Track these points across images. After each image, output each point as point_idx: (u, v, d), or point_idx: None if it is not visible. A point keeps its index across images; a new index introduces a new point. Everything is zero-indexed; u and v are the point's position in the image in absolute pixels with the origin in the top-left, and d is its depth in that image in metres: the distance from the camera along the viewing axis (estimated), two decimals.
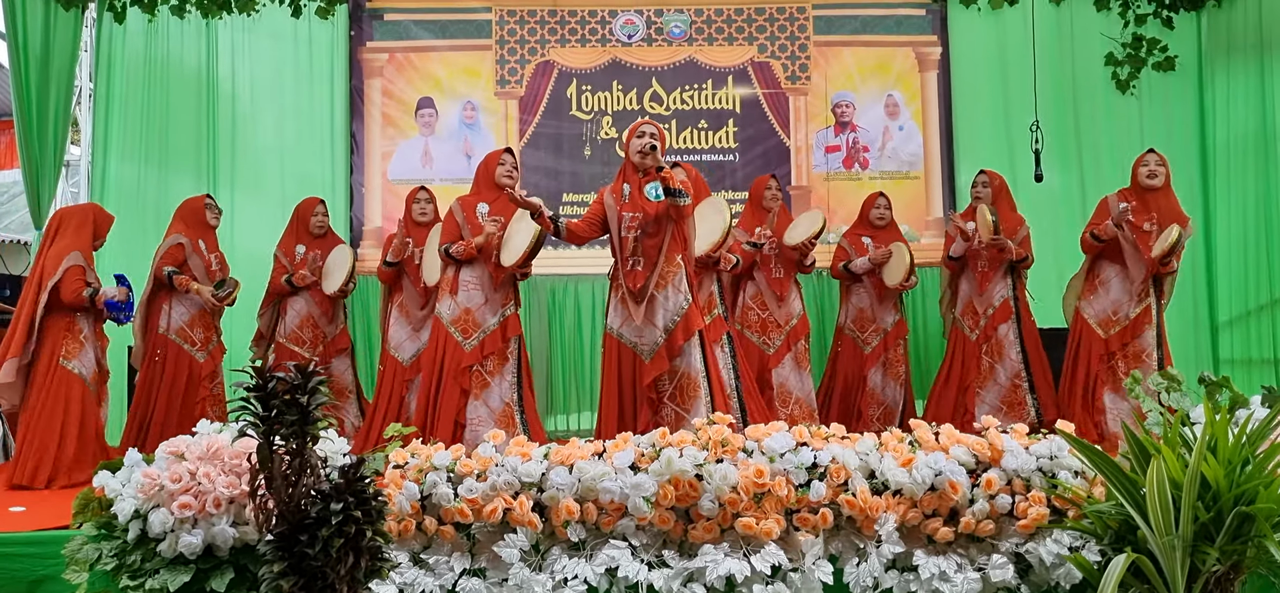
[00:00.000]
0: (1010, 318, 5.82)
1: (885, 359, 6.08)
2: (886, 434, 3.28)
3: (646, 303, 4.41)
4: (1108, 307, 5.45)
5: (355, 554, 2.42)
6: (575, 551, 3.04)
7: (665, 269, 4.46)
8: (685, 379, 4.44)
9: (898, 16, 7.54)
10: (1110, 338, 5.40)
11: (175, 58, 7.13)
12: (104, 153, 6.93)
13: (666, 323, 4.43)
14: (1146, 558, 2.62)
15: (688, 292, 4.49)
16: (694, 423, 3.37)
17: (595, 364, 7.14)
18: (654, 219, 4.44)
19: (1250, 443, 2.65)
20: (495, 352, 4.85)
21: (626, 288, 4.48)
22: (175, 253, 5.48)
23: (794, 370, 5.79)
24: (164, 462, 2.91)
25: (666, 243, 4.46)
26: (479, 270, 4.91)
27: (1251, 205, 6.82)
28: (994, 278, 5.85)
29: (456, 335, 4.85)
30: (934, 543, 3.10)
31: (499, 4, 7.50)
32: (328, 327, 5.98)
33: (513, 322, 4.93)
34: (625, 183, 4.57)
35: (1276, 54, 6.60)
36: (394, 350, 5.60)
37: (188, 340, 5.50)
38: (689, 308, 4.46)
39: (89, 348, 5.16)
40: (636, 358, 4.47)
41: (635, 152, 4.47)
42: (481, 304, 4.87)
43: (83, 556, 2.89)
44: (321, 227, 6.06)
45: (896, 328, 6.11)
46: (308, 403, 2.39)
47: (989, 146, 7.28)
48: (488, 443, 3.20)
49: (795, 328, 5.81)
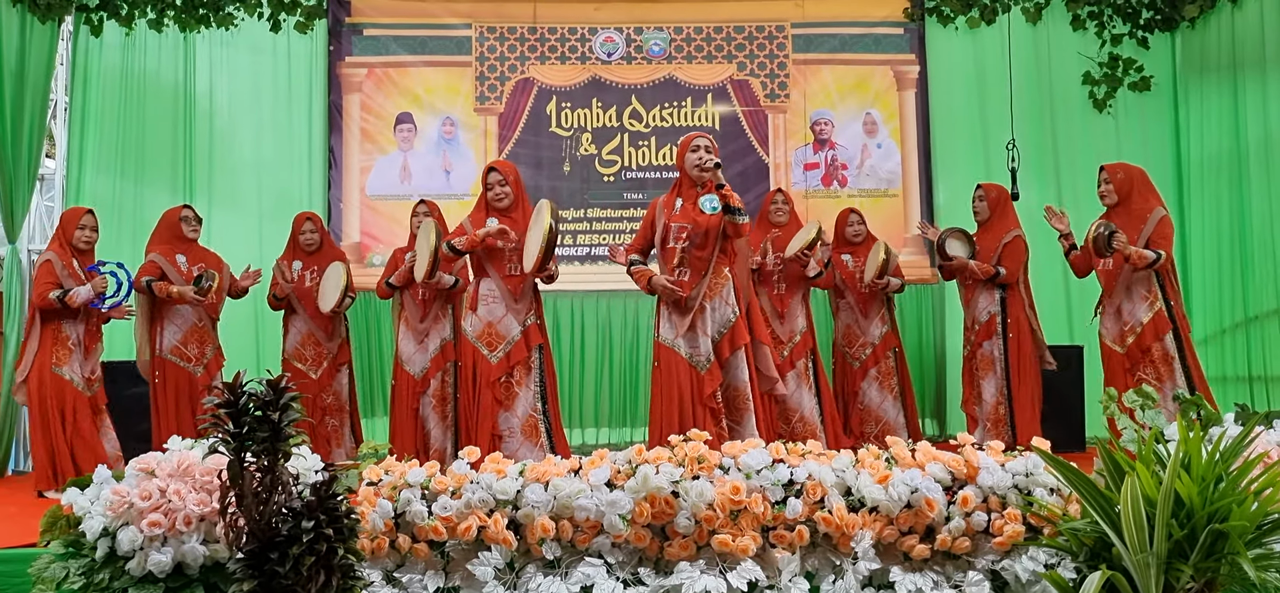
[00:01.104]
0: (994, 335, 5.82)
1: (876, 373, 6.08)
2: (862, 451, 3.27)
3: (695, 313, 4.45)
4: (1115, 323, 5.35)
5: (327, 573, 2.39)
6: (550, 568, 3.02)
7: (713, 281, 4.51)
8: (733, 392, 4.51)
9: (876, 35, 7.58)
10: (1129, 350, 5.26)
11: (152, 71, 7.10)
12: (79, 167, 6.88)
13: (714, 334, 4.49)
14: (1121, 575, 2.63)
15: (736, 304, 4.53)
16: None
17: (575, 382, 7.15)
18: (704, 231, 4.48)
19: (1223, 460, 2.66)
20: (520, 362, 4.86)
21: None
22: (149, 269, 5.48)
23: (798, 387, 5.75)
24: (133, 479, 2.87)
25: (715, 255, 4.51)
26: (497, 284, 4.91)
27: (1225, 223, 6.88)
28: (977, 292, 5.86)
29: (483, 350, 4.87)
30: (910, 560, 3.09)
31: (479, 21, 7.50)
32: (328, 343, 5.95)
33: (534, 331, 4.94)
34: (679, 197, 4.62)
35: (1249, 74, 6.67)
36: (405, 364, 5.60)
37: (183, 357, 5.50)
38: (737, 320, 4.51)
39: (77, 355, 5.17)
40: (693, 370, 4.48)
41: (693, 165, 4.54)
42: (503, 316, 4.89)
43: (50, 574, 2.84)
44: (310, 243, 6.01)
45: (885, 340, 6.12)
46: (279, 419, 2.37)
47: (966, 164, 7.33)
48: (461, 460, 3.18)
49: (798, 345, 5.77)
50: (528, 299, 4.96)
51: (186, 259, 5.59)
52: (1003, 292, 5.82)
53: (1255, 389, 6.54)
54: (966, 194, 6.52)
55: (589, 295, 7.25)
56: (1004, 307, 5.81)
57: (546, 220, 4.65)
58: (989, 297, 5.82)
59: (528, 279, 4.91)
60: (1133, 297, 5.28)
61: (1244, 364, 6.69)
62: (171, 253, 5.55)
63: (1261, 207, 6.57)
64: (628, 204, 7.39)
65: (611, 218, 7.34)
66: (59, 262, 5.14)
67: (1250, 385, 6.58)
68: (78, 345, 5.18)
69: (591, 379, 7.18)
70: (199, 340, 5.56)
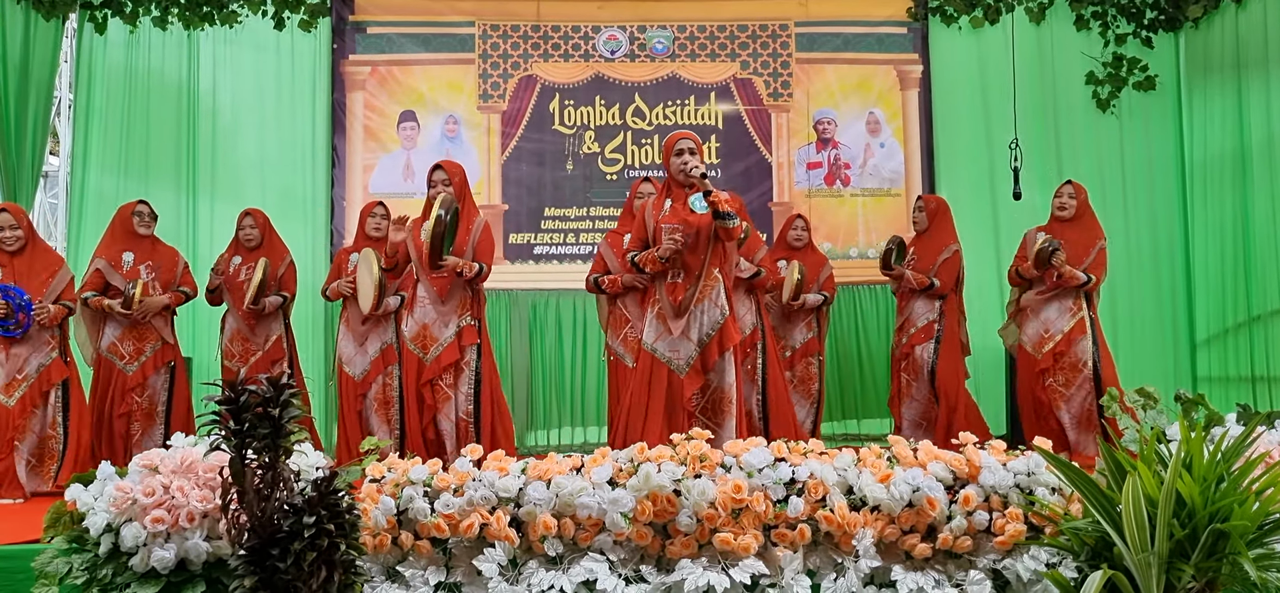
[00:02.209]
0: (929, 340, 5.90)
1: (793, 375, 6.09)
2: (865, 450, 3.27)
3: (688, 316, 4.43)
4: (1038, 328, 5.54)
5: (328, 569, 2.40)
6: (552, 565, 3.02)
7: (706, 283, 4.46)
8: (718, 394, 4.45)
9: (879, 34, 7.58)
10: (1045, 355, 5.48)
11: (156, 69, 7.11)
12: (83, 164, 6.90)
13: (701, 336, 4.43)
14: (1122, 575, 2.62)
15: (725, 306, 4.47)
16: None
17: (577, 380, 7.15)
18: (696, 231, 4.43)
19: (1225, 460, 2.66)
20: (451, 364, 4.83)
21: (667, 302, 4.47)
22: (93, 280, 5.39)
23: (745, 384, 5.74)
24: (137, 475, 2.88)
25: (708, 257, 4.46)
26: (426, 287, 4.88)
27: (1229, 223, 6.88)
28: (915, 297, 5.96)
29: (416, 351, 4.87)
30: (912, 559, 3.09)
31: (482, 18, 7.51)
32: (253, 337, 5.78)
33: (468, 332, 4.89)
34: (667, 198, 4.57)
35: (1254, 74, 6.67)
36: (346, 365, 5.53)
37: (117, 353, 5.40)
38: (725, 322, 4.45)
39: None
40: (671, 373, 4.44)
41: (677, 170, 4.48)
42: (435, 319, 4.86)
43: (53, 569, 2.85)
44: (250, 238, 5.83)
45: (806, 346, 6.14)
46: (280, 416, 2.37)
47: (969, 164, 7.34)
48: (464, 457, 3.18)
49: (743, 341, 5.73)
50: (457, 299, 4.88)
51: (134, 257, 5.47)
52: (941, 300, 5.93)
53: (1258, 389, 6.54)
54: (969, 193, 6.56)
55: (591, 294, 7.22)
56: (942, 315, 5.92)
57: (435, 211, 4.62)
58: (928, 304, 5.93)
59: (450, 280, 4.83)
60: (1060, 307, 5.48)
61: (1247, 364, 6.69)
62: (118, 253, 5.43)
63: (1265, 207, 6.57)
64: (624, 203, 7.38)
65: (614, 216, 7.33)
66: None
67: (1253, 386, 6.59)
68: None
69: (593, 378, 7.17)
70: (136, 338, 5.43)
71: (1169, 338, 7.25)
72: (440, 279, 4.84)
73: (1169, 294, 7.26)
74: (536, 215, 7.38)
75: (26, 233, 5.13)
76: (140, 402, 5.43)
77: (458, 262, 4.81)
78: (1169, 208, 7.33)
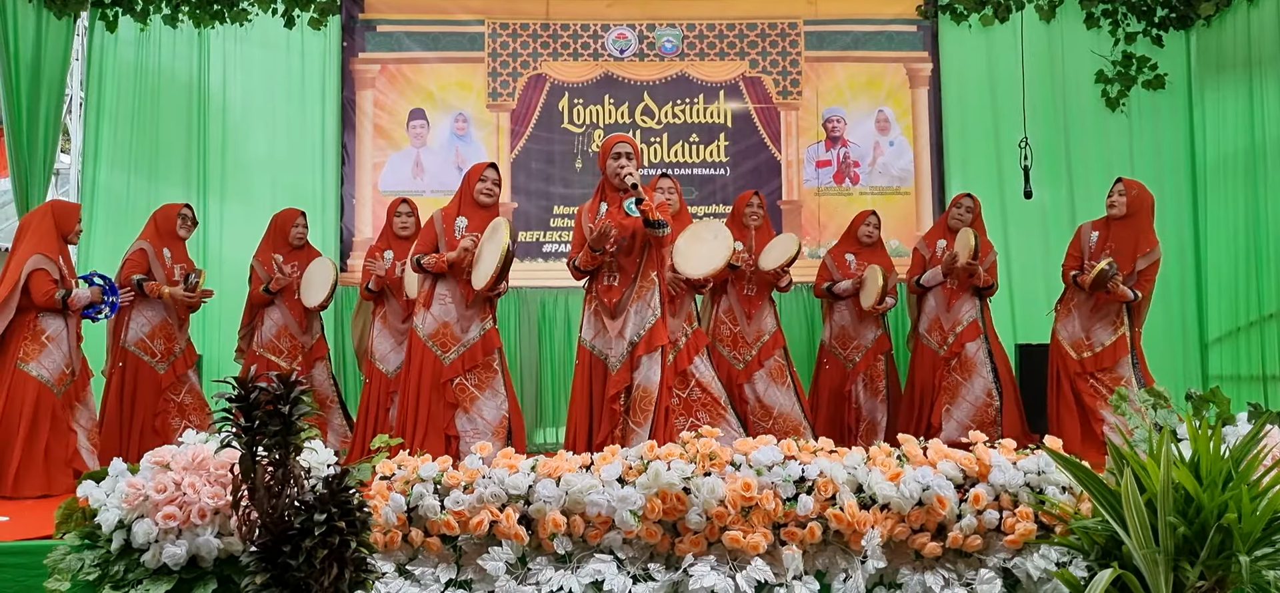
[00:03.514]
0: (979, 336, 5.91)
1: (867, 375, 6.11)
2: (874, 448, 3.27)
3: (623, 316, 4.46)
4: (1078, 331, 5.58)
5: (339, 566, 2.40)
6: (561, 563, 3.03)
7: (641, 285, 4.49)
8: (640, 393, 4.45)
9: (889, 33, 7.57)
10: (1084, 360, 5.51)
11: (167, 67, 7.13)
12: (94, 161, 6.92)
13: (633, 336, 4.47)
14: (1132, 574, 2.62)
15: (657, 307, 4.51)
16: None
17: None
18: (630, 234, 4.46)
19: (1233, 458, 2.65)
20: (476, 366, 4.82)
21: (601, 302, 4.52)
22: (138, 260, 5.47)
23: (770, 385, 5.74)
24: (149, 472, 2.90)
25: (644, 260, 4.50)
26: (453, 285, 4.87)
27: (1240, 223, 6.85)
28: (962, 297, 5.94)
29: (435, 349, 4.82)
30: (922, 558, 3.09)
31: (491, 17, 7.51)
32: (303, 336, 5.97)
33: (493, 335, 4.90)
34: (603, 200, 4.59)
35: (1265, 73, 6.64)
36: (379, 363, 5.59)
37: (147, 352, 5.46)
38: (655, 323, 4.48)
39: (55, 350, 4.94)
40: (606, 369, 4.49)
41: (612, 172, 4.52)
42: (458, 318, 4.84)
43: (65, 566, 2.87)
44: (300, 239, 6.07)
45: (877, 343, 6.15)
46: (290, 413, 2.38)
47: (979, 163, 7.32)
48: (474, 455, 3.19)
49: (766, 344, 5.76)
50: (484, 303, 4.91)
51: (171, 256, 5.59)
52: (982, 295, 5.98)
53: (1270, 388, 6.51)
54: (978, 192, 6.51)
55: None
56: (982, 312, 5.98)
57: (504, 240, 4.58)
58: (972, 302, 5.96)
59: (479, 294, 4.83)
60: (1102, 318, 5.53)
61: (1258, 363, 6.66)
62: (160, 247, 5.54)
63: (1276, 206, 6.54)
64: None
65: None
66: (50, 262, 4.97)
67: (1264, 384, 6.56)
68: (56, 340, 4.96)
69: None
70: (166, 336, 5.51)
71: (1179, 337, 7.22)
72: (469, 287, 4.83)
73: (1179, 293, 7.23)
74: (545, 214, 7.39)
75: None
76: (178, 400, 5.48)
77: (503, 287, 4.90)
78: (1179, 207, 7.30)
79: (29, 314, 4.93)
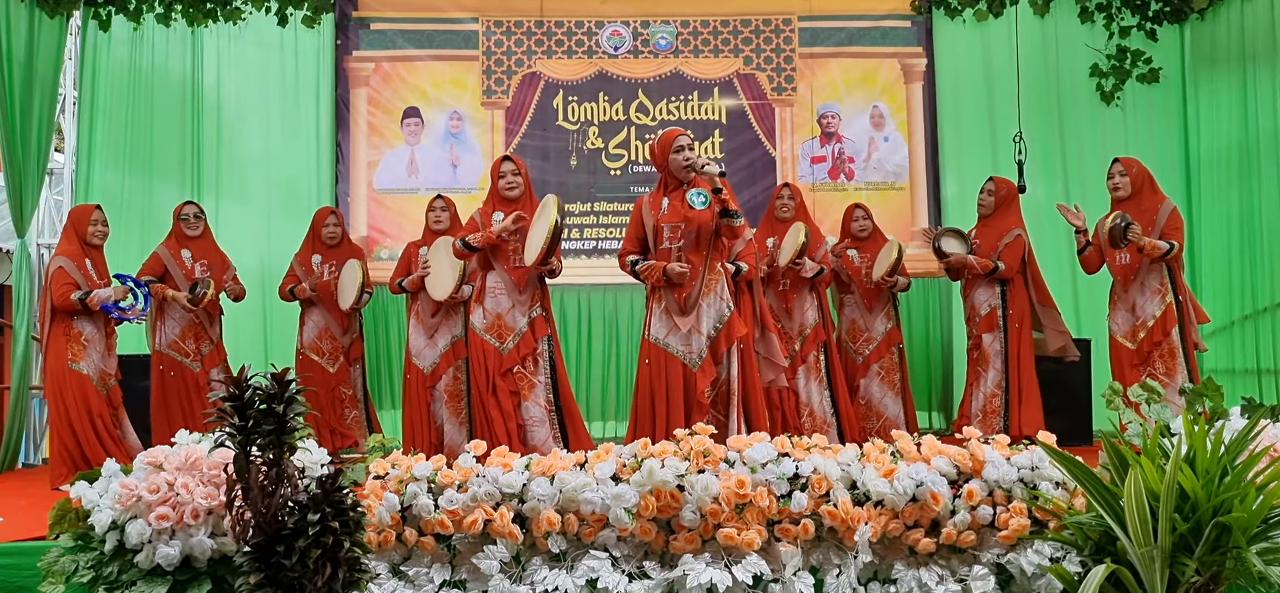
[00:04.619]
0: (995, 328, 5.85)
1: (879, 368, 6.09)
2: (868, 445, 3.27)
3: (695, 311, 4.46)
4: (1129, 318, 5.39)
5: (333, 566, 2.40)
6: (556, 562, 3.03)
7: (709, 277, 4.50)
8: (724, 387, 4.51)
9: (883, 28, 7.56)
10: (1141, 343, 5.31)
11: (160, 66, 7.11)
12: (88, 161, 6.90)
13: (711, 330, 4.48)
14: (1126, 569, 2.63)
15: (730, 299, 4.54)
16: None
17: (582, 373, 7.15)
18: (696, 228, 4.46)
19: (1229, 454, 2.66)
20: (529, 353, 4.90)
21: (671, 299, 4.51)
22: (151, 264, 5.62)
23: (806, 381, 5.74)
24: (142, 472, 2.89)
25: (710, 253, 4.51)
26: (502, 276, 4.95)
27: (1234, 216, 6.86)
28: (976, 285, 5.90)
29: (492, 341, 4.91)
30: (915, 554, 3.09)
31: (486, 15, 7.50)
32: (342, 337, 6.02)
33: (540, 323, 4.97)
34: (665, 195, 4.58)
35: (1259, 66, 6.64)
36: (415, 358, 5.62)
37: (180, 352, 5.62)
38: (731, 315, 4.51)
39: (93, 350, 5.13)
40: (685, 367, 4.48)
41: (678, 166, 4.51)
42: (510, 308, 4.92)
43: (59, 567, 2.86)
44: (334, 237, 6.10)
45: (888, 336, 6.12)
46: (284, 413, 2.38)
47: (974, 157, 7.32)
48: (467, 453, 3.19)
49: (808, 338, 5.77)
50: (532, 290, 4.97)
51: (191, 254, 5.69)
52: (1004, 286, 5.87)
53: (1264, 382, 6.52)
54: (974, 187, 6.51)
55: (596, 289, 7.25)
56: (1005, 300, 5.87)
57: (552, 215, 4.66)
58: (989, 290, 5.88)
59: (531, 272, 4.91)
60: (1145, 291, 5.32)
61: (1252, 357, 6.67)
62: (178, 249, 5.67)
63: (1270, 199, 6.54)
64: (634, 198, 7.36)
65: (618, 212, 7.34)
66: (71, 263, 5.09)
67: (1259, 378, 6.57)
68: (92, 342, 5.15)
69: (598, 373, 7.19)
70: (196, 336, 5.67)
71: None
72: (521, 271, 4.90)
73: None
74: None
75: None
76: None
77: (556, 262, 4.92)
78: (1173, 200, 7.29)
79: (65, 318, 5.11)
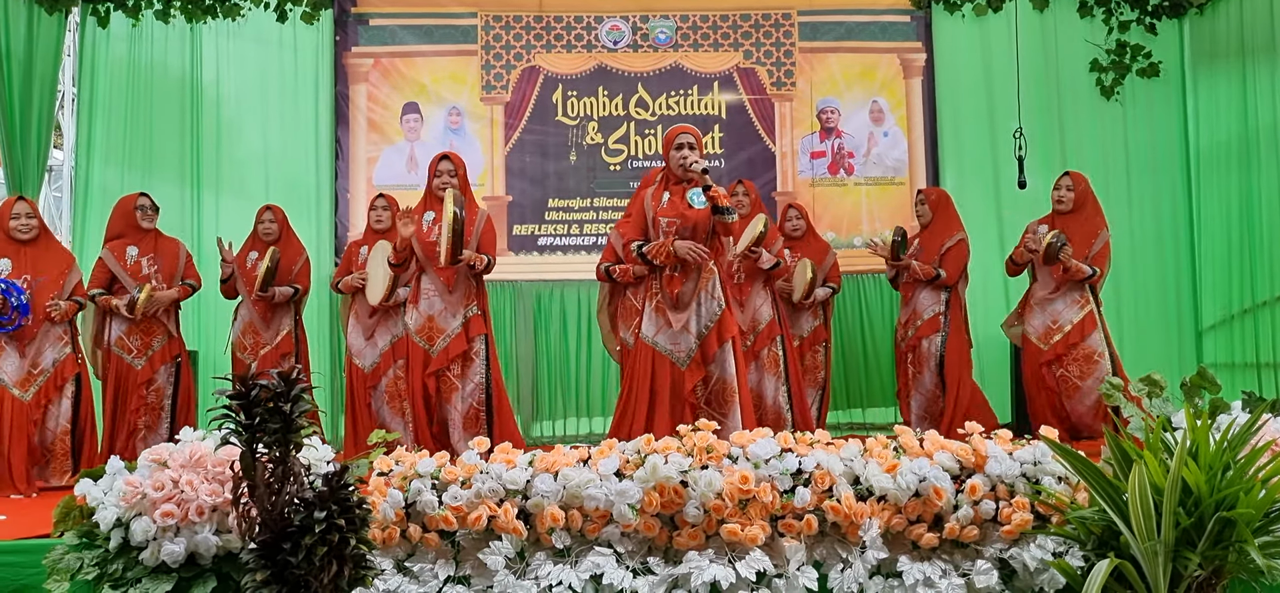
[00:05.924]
0: (937, 332, 5.87)
1: (803, 364, 6.02)
2: (871, 440, 3.28)
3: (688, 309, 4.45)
4: (1046, 320, 5.62)
5: (339, 563, 2.41)
6: (560, 558, 3.03)
7: (703, 276, 4.49)
8: (721, 386, 4.48)
9: (883, 23, 7.56)
10: (1055, 344, 5.55)
11: (159, 62, 7.11)
12: (87, 158, 6.90)
13: (700, 329, 4.47)
14: (1129, 563, 2.63)
15: (722, 298, 4.52)
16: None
17: (582, 371, 7.16)
18: (692, 226, 4.45)
19: (1231, 448, 2.66)
20: (459, 354, 4.87)
21: (665, 295, 4.49)
22: (98, 276, 5.41)
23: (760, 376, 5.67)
24: (147, 470, 2.90)
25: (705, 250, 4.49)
26: (433, 278, 4.92)
27: (1234, 210, 6.86)
28: (919, 289, 5.93)
29: (422, 343, 4.90)
30: (918, 549, 3.10)
31: (485, 9, 7.50)
32: (266, 332, 5.80)
33: (475, 322, 4.93)
34: (666, 190, 4.58)
35: (1258, 61, 6.64)
36: (356, 358, 5.57)
37: (125, 348, 5.40)
38: (723, 313, 4.49)
39: (11, 353, 5.01)
40: (673, 366, 4.46)
41: (677, 164, 4.51)
42: (442, 310, 4.90)
43: (64, 565, 2.87)
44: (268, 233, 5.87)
45: (813, 334, 6.11)
46: (290, 410, 2.38)
47: (973, 153, 7.33)
48: (472, 450, 3.19)
49: (762, 333, 5.71)
50: (465, 291, 4.93)
51: (138, 250, 5.46)
52: (947, 292, 5.90)
53: (1263, 376, 6.53)
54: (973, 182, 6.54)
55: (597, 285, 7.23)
56: (948, 306, 5.90)
57: (449, 208, 4.62)
58: (933, 296, 5.90)
59: (458, 272, 4.86)
60: (1067, 299, 5.57)
61: (1252, 351, 6.68)
62: (123, 248, 5.44)
63: (1270, 194, 6.55)
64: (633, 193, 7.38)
65: (618, 207, 7.33)
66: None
67: (1259, 372, 6.58)
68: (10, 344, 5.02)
69: (598, 368, 7.17)
70: (143, 333, 5.42)
71: (1174, 325, 7.24)
72: (448, 271, 4.86)
73: (1174, 281, 7.26)
74: (540, 207, 7.38)
75: (40, 225, 5.28)
76: (148, 397, 5.44)
77: (472, 255, 4.85)
78: (1173, 195, 7.32)
79: None
